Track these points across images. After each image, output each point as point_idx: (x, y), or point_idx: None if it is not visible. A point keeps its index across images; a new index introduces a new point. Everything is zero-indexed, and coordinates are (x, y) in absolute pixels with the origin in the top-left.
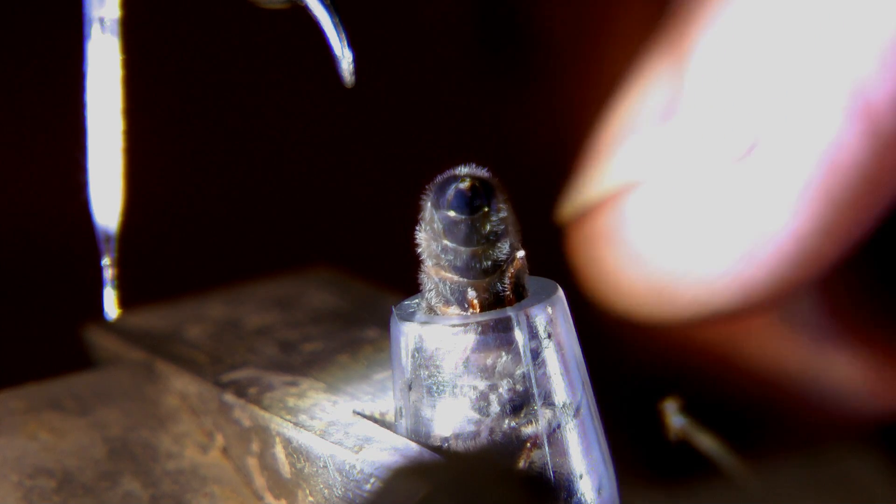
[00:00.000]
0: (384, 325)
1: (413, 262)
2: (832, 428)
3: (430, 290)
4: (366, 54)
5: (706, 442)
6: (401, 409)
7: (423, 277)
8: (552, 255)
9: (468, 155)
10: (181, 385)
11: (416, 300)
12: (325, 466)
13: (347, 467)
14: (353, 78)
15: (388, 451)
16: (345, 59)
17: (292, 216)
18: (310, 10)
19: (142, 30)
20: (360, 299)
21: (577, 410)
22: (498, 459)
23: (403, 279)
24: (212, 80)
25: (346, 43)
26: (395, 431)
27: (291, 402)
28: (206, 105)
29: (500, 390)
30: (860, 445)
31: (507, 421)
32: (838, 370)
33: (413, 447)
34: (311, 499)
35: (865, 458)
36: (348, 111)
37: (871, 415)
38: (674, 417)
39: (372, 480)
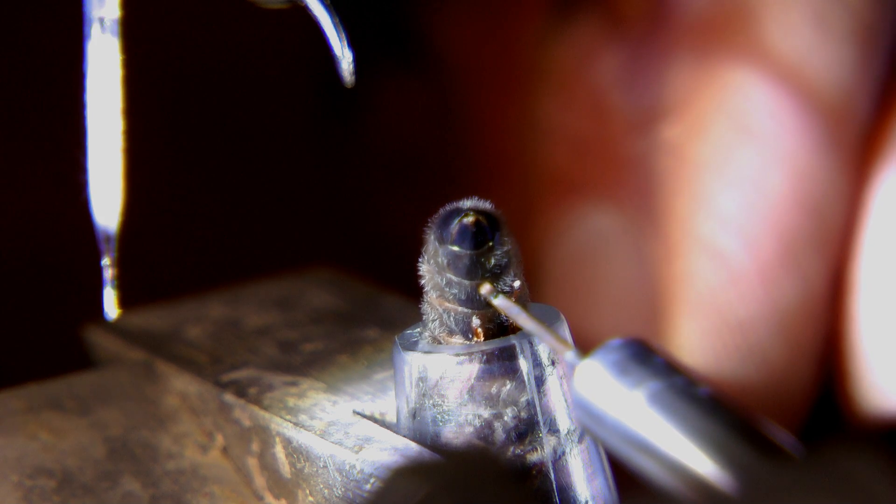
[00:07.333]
0: (384, 325)
1: (412, 263)
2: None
3: (433, 321)
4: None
5: None
6: (405, 437)
7: (426, 307)
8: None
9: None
10: (181, 385)
11: (418, 329)
12: (325, 466)
13: (347, 467)
14: (353, 78)
15: (388, 451)
16: (345, 59)
17: (292, 216)
18: (310, 10)
19: (142, 30)
20: (360, 299)
21: (582, 436)
22: (498, 459)
23: (403, 279)
24: (212, 79)
25: (346, 43)
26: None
27: (291, 402)
28: (206, 105)
29: (505, 418)
30: (860, 445)
31: (512, 448)
32: None
33: (413, 447)
34: (311, 499)
35: (865, 458)
36: (348, 111)
37: None
38: None
39: (372, 480)
